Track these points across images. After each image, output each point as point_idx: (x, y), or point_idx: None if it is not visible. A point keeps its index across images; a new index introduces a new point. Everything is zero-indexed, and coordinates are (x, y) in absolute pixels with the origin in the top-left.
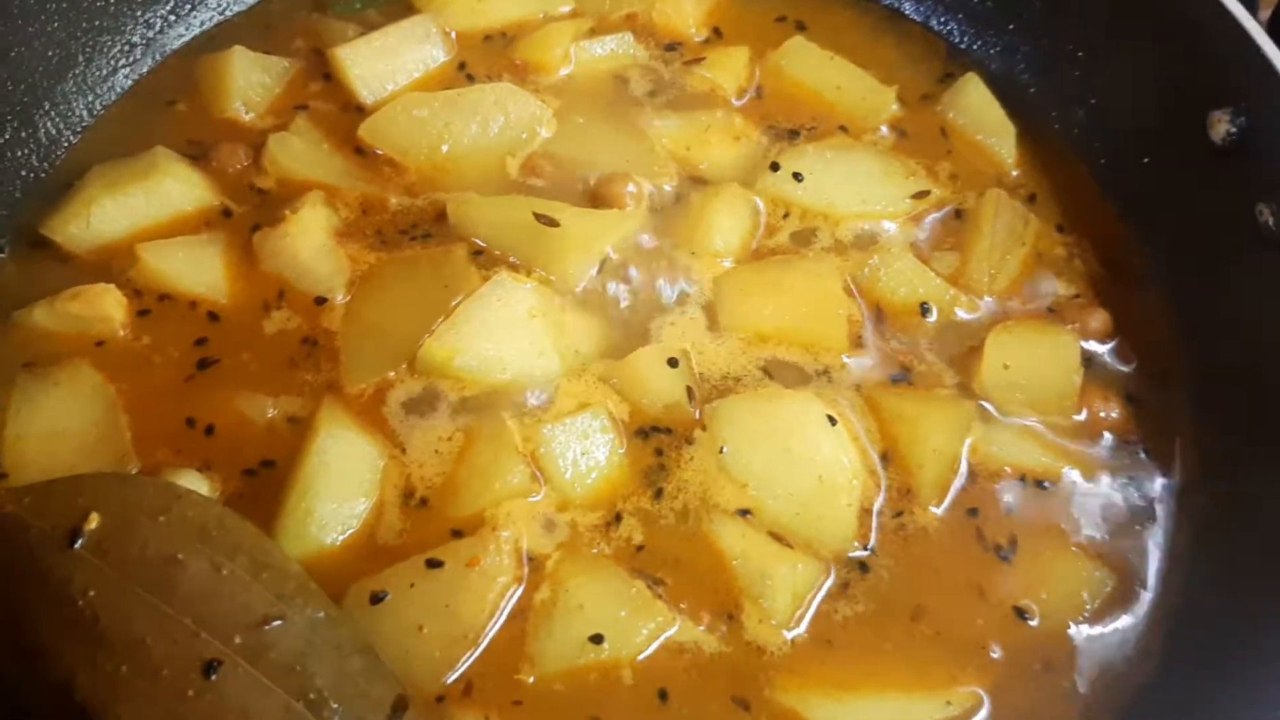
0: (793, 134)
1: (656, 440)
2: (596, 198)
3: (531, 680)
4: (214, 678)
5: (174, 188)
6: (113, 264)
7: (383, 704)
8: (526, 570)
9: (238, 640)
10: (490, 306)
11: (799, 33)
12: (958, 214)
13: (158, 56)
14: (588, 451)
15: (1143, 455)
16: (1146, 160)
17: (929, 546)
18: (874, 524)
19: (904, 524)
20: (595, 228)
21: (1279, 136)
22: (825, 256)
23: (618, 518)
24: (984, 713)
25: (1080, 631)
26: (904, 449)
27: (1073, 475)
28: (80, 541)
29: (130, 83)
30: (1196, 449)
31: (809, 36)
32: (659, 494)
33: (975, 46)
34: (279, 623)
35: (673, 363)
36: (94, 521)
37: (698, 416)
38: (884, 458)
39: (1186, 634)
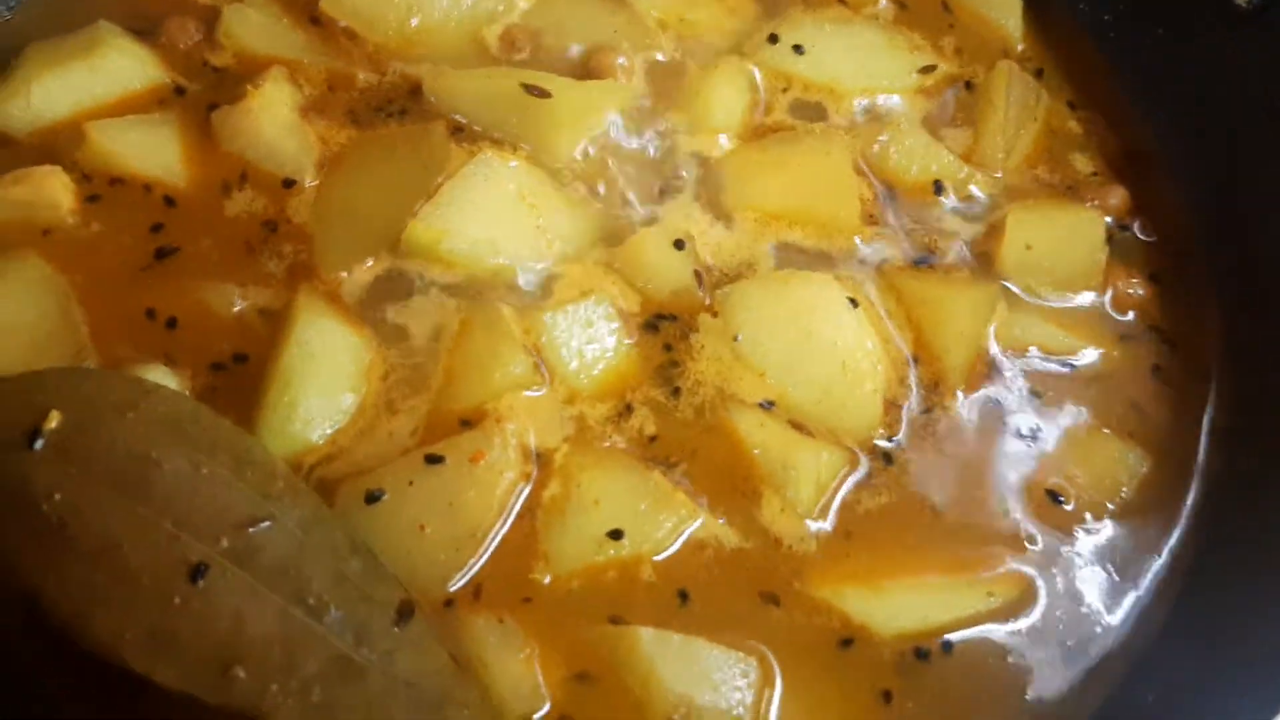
0: (784, 3)
1: (666, 328)
2: (586, 70)
3: (547, 580)
4: (201, 583)
5: (121, 63)
6: (57, 145)
7: (387, 608)
8: (535, 465)
9: (224, 543)
10: (476, 186)
11: None
12: (967, 87)
13: None
14: (593, 340)
15: (1170, 332)
16: (1161, 30)
17: (955, 434)
18: (901, 412)
19: (929, 411)
20: (589, 99)
21: None
22: (832, 133)
23: (628, 408)
24: (1035, 607)
25: (1118, 516)
26: (928, 334)
27: (1097, 355)
28: (39, 442)
29: None
30: (1228, 323)
31: None
32: (671, 384)
33: None
34: (267, 524)
35: (679, 245)
36: (54, 420)
37: (708, 302)
38: (907, 343)
39: (1229, 513)
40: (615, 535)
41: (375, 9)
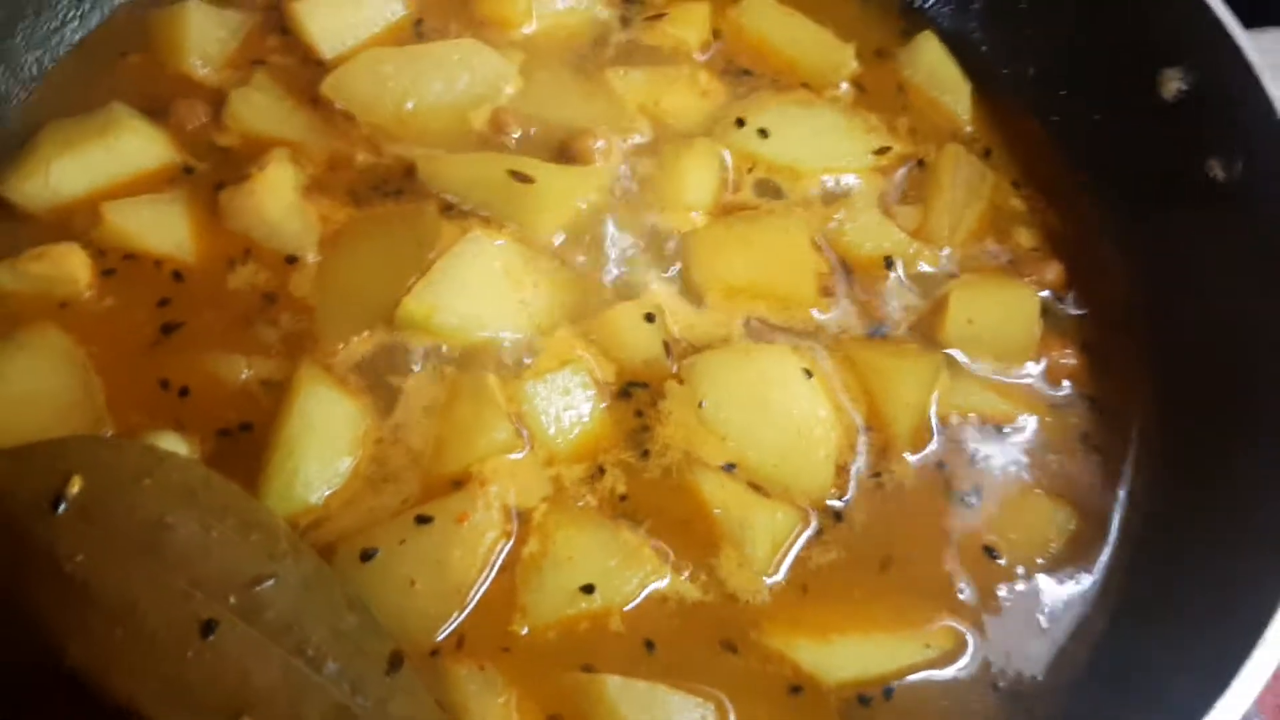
0: (753, 87)
1: (637, 395)
2: (565, 154)
3: (524, 631)
4: (212, 638)
5: (134, 144)
6: (73, 222)
7: (379, 660)
8: (515, 524)
9: (232, 600)
10: (466, 263)
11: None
12: (920, 165)
13: (106, 10)
14: (570, 406)
15: (1100, 400)
16: (1097, 117)
17: (900, 497)
18: (850, 475)
19: (877, 475)
20: (569, 184)
21: (1227, 93)
22: (792, 211)
23: (601, 470)
24: (967, 655)
25: (1047, 569)
26: (879, 401)
27: (1032, 421)
28: (63, 506)
29: (79, 37)
30: (1152, 394)
31: None
32: (641, 447)
33: (929, 4)
34: (272, 582)
35: (649, 318)
36: (76, 485)
37: (675, 370)
38: (858, 410)
39: (1145, 567)
40: (587, 590)
41: (372, 93)
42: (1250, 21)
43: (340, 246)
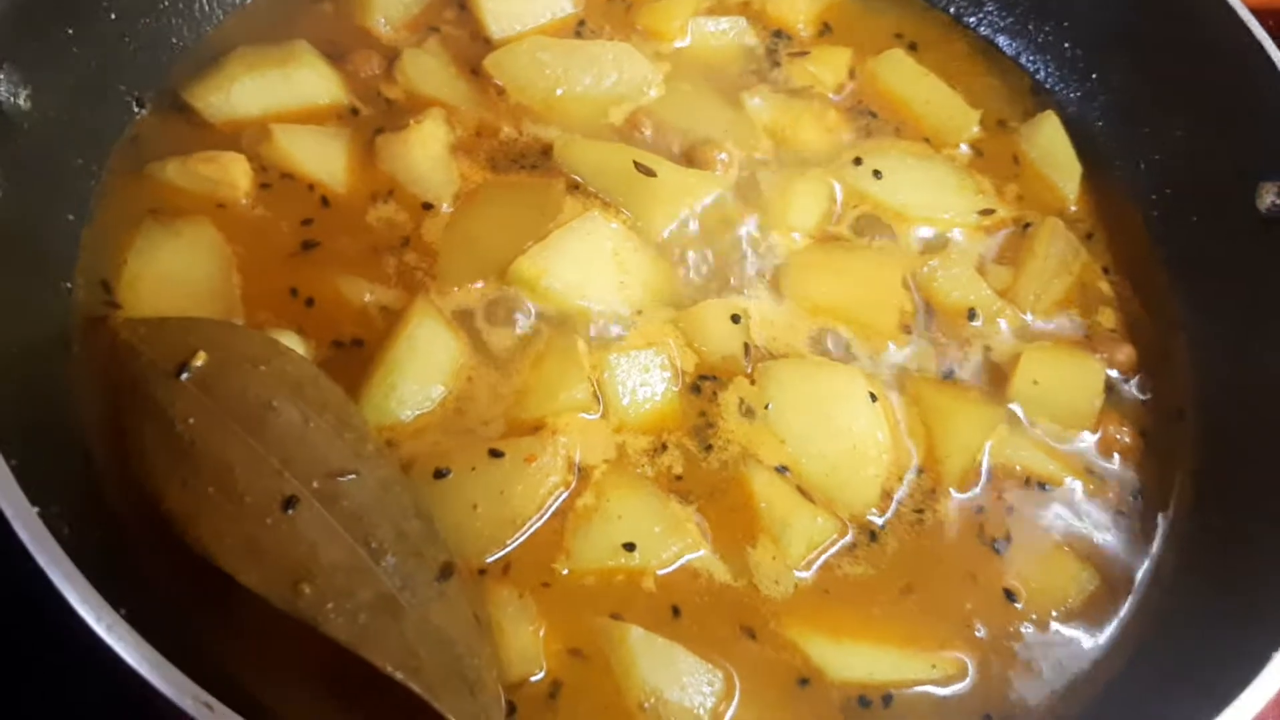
0: (875, 131)
1: (709, 386)
2: (690, 158)
3: (565, 571)
4: (291, 512)
5: (310, 79)
6: (242, 137)
7: (433, 565)
8: (576, 476)
9: (315, 484)
10: (580, 237)
11: (910, 52)
12: (1018, 233)
13: None
14: (646, 384)
15: (1143, 479)
16: (1195, 219)
17: (935, 532)
18: (893, 500)
19: (917, 506)
20: (687, 183)
21: None
22: (890, 249)
23: (664, 446)
24: (967, 681)
25: (1060, 622)
26: (935, 438)
27: (1076, 485)
28: (186, 374)
29: None
30: (1195, 485)
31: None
32: (705, 440)
33: (1058, 87)
34: (353, 476)
35: (735, 318)
36: (201, 359)
37: (749, 371)
38: (914, 442)
39: (1156, 644)
40: (629, 547)
41: (527, 75)
42: None
43: (473, 203)
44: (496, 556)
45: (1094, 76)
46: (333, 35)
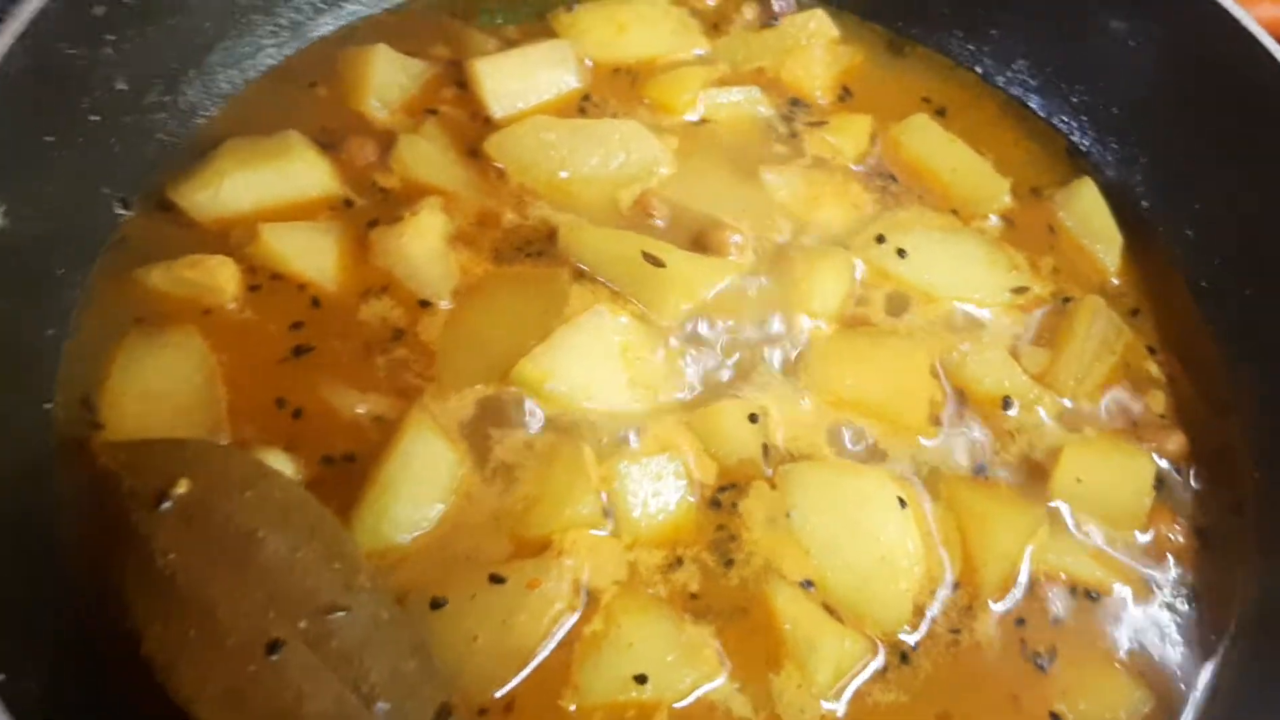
0: (900, 204)
1: (728, 494)
2: (702, 243)
3: (572, 709)
4: (276, 656)
5: (303, 172)
6: (231, 236)
7: (429, 706)
8: (584, 600)
9: (303, 624)
10: (587, 334)
11: (937, 118)
12: (1056, 311)
13: (304, 41)
14: (659, 494)
15: (1201, 585)
16: (1249, 292)
17: (972, 651)
18: (926, 616)
19: (954, 622)
20: (699, 273)
21: None
22: (916, 334)
23: (679, 562)
24: None
25: None
26: (971, 544)
27: (1126, 593)
28: (167, 505)
29: (273, 63)
30: (1259, 587)
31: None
32: (726, 555)
33: (1095, 150)
34: (344, 613)
35: (753, 418)
36: (183, 487)
37: (769, 474)
38: (948, 550)
39: None
40: (640, 679)
41: (531, 157)
42: None
43: (473, 298)
44: (500, 693)
45: (1133, 138)
46: (326, 122)
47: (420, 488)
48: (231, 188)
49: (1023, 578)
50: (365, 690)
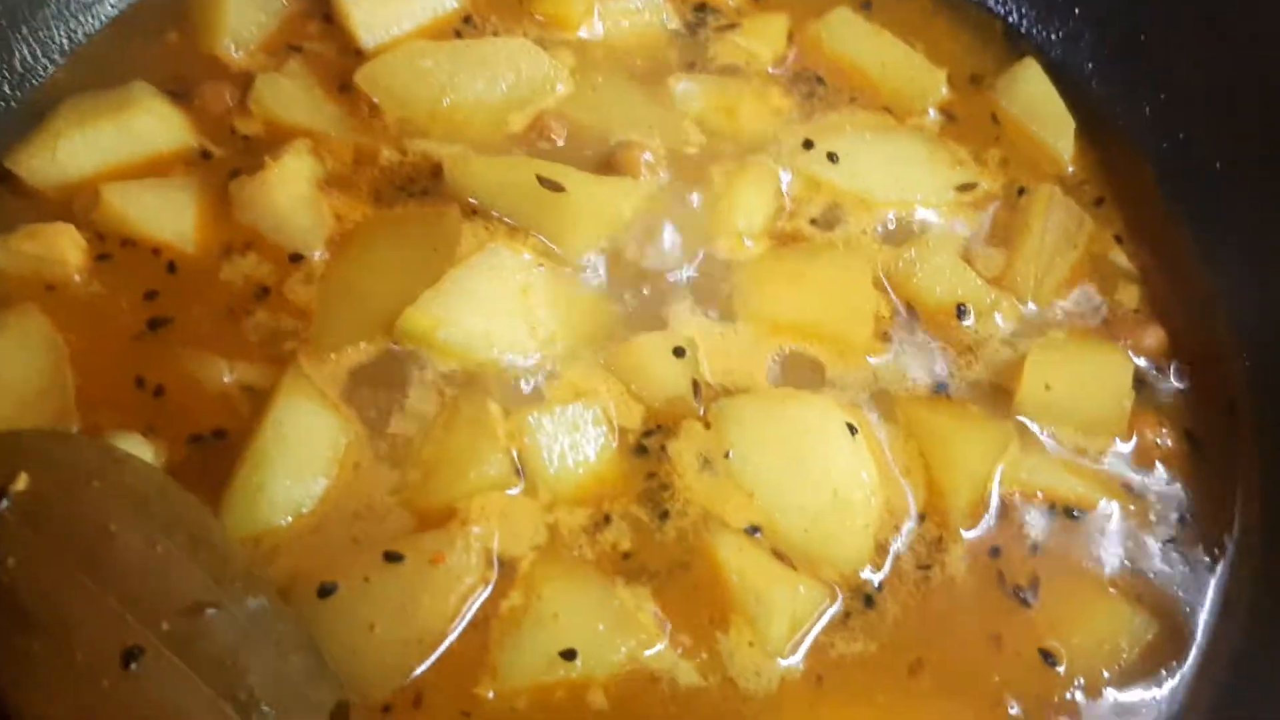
0: (828, 107)
1: (656, 438)
2: (609, 165)
3: (490, 695)
4: (133, 666)
5: (150, 125)
6: (75, 203)
7: (321, 709)
8: (496, 572)
9: (165, 626)
10: (482, 276)
11: (861, 11)
12: (1010, 207)
13: None
14: (577, 445)
15: (1196, 492)
16: (1219, 164)
17: (946, 583)
18: (890, 553)
19: (922, 557)
20: (605, 196)
21: None
22: (855, 245)
23: (606, 519)
24: None
25: (1115, 684)
26: (935, 469)
27: (1113, 508)
28: (5, 503)
29: (116, 11)
30: (1260, 490)
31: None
32: (653, 496)
33: (1035, 30)
34: (213, 611)
35: (679, 352)
36: (22, 482)
37: (702, 414)
38: (909, 478)
39: (1237, 691)
40: (568, 655)
41: (407, 87)
42: None
43: (350, 247)
44: (404, 685)
45: (1077, 10)
46: (179, 69)
47: (298, 462)
48: (69, 149)
49: (994, 501)
50: (243, 697)
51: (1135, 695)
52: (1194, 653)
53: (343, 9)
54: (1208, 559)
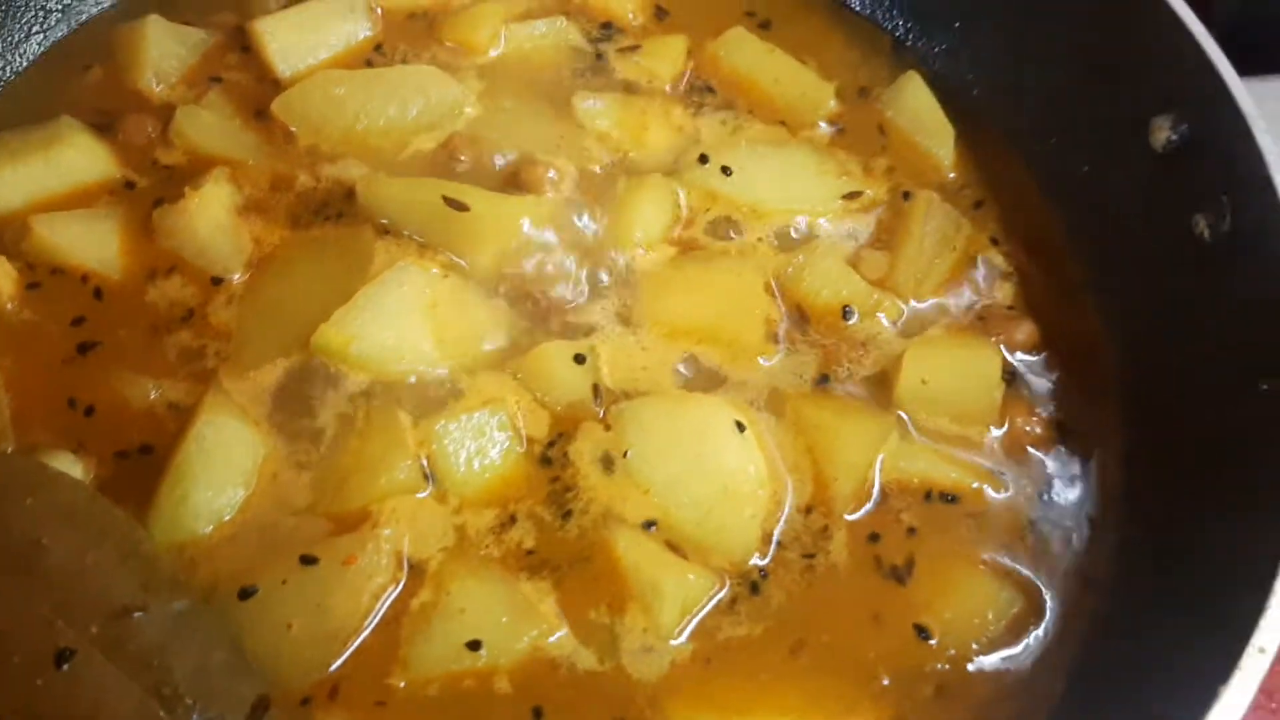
0: (724, 122)
1: (559, 442)
2: (515, 181)
3: (402, 685)
4: (66, 667)
5: (76, 158)
6: (4, 234)
7: (243, 703)
8: (406, 571)
9: (94, 630)
10: (392, 292)
11: (761, 30)
12: (895, 213)
13: (72, 23)
14: (483, 450)
15: (1062, 473)
16: (1087, 168)
17: (827, 573)
18: (774, 541)
19: (806, 545)
20: (508, 212)
21: (1218, 146)
22: (749, 253)
23: (511, 519)
24: None
25: (983, 653)
26: (820, 460)
27: (984, 492)
28: None
29: (42, 50)
30: (1120, 469)
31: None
32: (557, 497)
33: (920, 44)
34: (140, 614)
35: (579, 359)
36: None
37: (602, 416)
38: (794, 472)
39: (1094, 661)
40: (474, 646)
41: (321, 114)
42: (1245, 69)
43: (268, 269)
44: (321, 679)
45: (957, 25)
46: (103, 104)
47: (218, 473)
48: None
49: (876, 488)
50: (168, 692)
51: (1002, 662)
52: (1054, 622)
53: (260, 40)
54: (1069, 536)
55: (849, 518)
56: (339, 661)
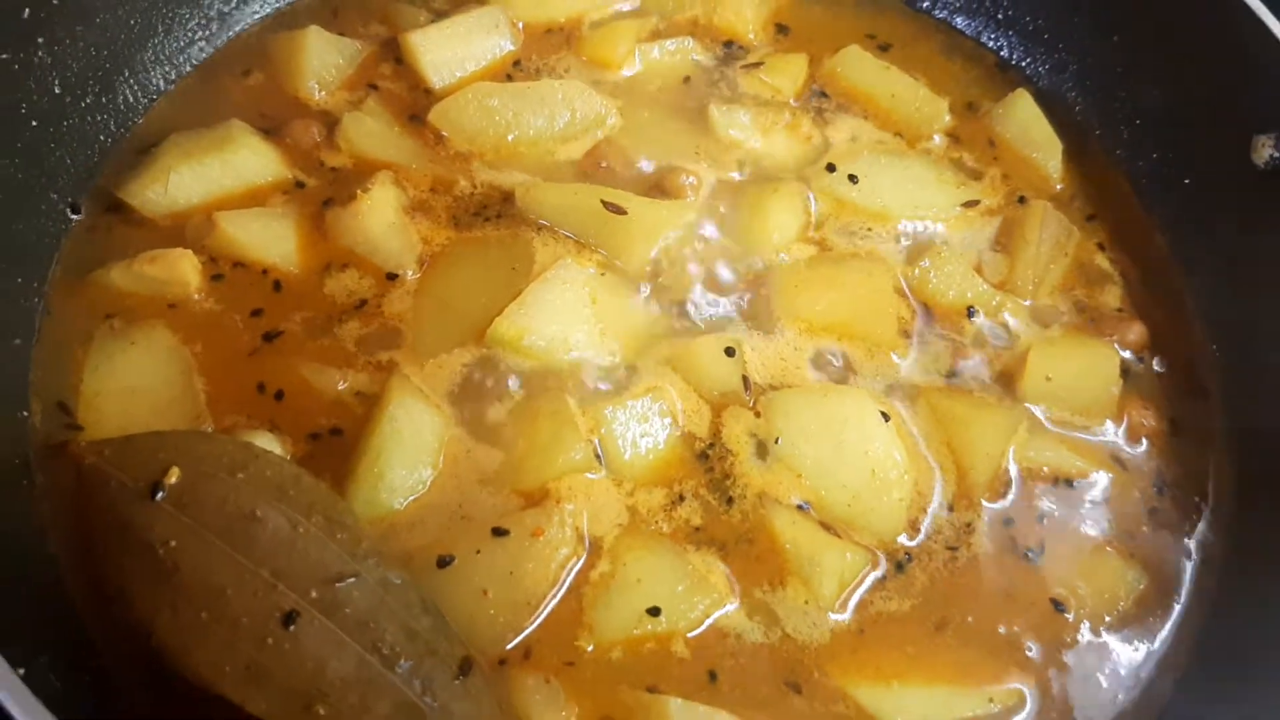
0: (847, 134)
1: (715, 426)
2: (658, 188)
3: (590, 648)
4: (292, 628)
5: (249, 159)
6: (186, 230)
7: (450, 662)
8: (587, 544)
9: (313, 594)
10: (557, 289)
11: (879, 53)
12: (1011, 219)
13: (232, 32)
14: (647, 434)
15: (1176, 463)
16: (1188, 181)
17: (968, 547)
18: (921, 524)
19: (947, 527)
20: (659, 216)
21: None
22: (877, 255)
23: (680, 498)
24: (1028, 709)
25: (1114, 628)
26: (957, 450)
27: (1107, 478)
28: (161, 494)
29: (205, 55)
30: (1232, 462)
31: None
32: (717, 484)
33: (1025, 63)
34: (352, 580)
35: (729, 352)
36: (174, 475)
37: (753, 405)
38: (935, 456)
39: (1217, 638)
40: (653, 612)
41: (476, 124)
42: None
43: (439, 266)
44: (515, 642)
45: (1061, 46)
46: (266, 109)
47: (410, 453)
48: (180, 182)
49: (1012, 475)
50: (385, 652)
51: (1133, 635)
52: (1180, 601)
53: (414, 52)
54: (1187, 521)
55: (987, 505)
56: (531, 626)
